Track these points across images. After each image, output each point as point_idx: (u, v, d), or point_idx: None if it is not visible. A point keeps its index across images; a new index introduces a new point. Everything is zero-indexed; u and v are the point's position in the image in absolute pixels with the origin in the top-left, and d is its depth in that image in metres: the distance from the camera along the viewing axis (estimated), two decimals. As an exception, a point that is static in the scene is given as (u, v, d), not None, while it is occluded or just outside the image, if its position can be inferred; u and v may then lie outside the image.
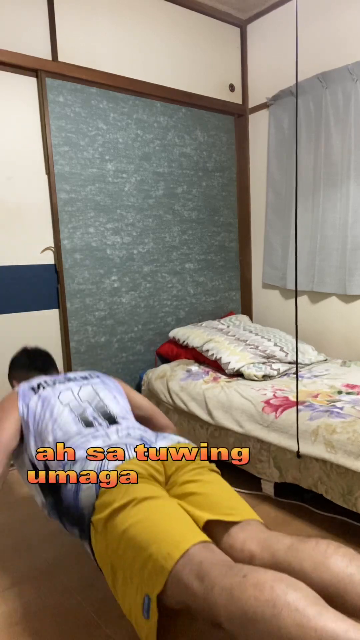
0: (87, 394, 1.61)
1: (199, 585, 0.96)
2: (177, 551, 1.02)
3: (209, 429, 2.26)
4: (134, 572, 1.06)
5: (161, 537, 1.06)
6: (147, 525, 1.09)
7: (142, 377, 2.75)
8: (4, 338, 2.38)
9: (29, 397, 1.56)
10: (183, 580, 0.99)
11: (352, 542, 1.70)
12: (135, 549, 1.07)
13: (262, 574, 0.93)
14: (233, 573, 0.95)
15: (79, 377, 1.70)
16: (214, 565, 0.99)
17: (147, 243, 2.83)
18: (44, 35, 2.36)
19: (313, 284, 2.84)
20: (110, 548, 1.13)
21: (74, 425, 1.45)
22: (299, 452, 1.81)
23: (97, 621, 1.39)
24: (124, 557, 1.09)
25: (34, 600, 1.49)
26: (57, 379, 1.67)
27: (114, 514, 1.14)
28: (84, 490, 1.23)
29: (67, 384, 1.63)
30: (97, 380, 1.70)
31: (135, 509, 1.13)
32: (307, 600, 0.87)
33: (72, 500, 1.25)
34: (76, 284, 2.57)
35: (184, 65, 2.89)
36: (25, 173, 2.38)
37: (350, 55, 2.54)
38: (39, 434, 1.47)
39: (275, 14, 2.94)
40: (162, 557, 1.02)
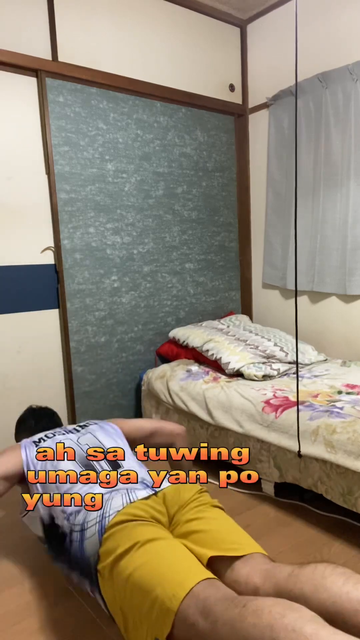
0: (88, 439, 1.63)
1: (204, 622, 0.97)
2: (182, 591, 1.03)
3: (209, 429, 2.26)
4: (143, 615, 1.07)
5: (166, 577, 1.07)
6: (152, 567, 1.10)
7: (142, 377, 2.75)
8: (4, 338, 2.38)
9: (30, 449, 1.58)
10: (189, 619, 1.00)
11: (352, 542, 1.70)
12: (142, 592, 1.07)
13: (260, 602, 0.95)
14: (234, 605, 0.97)
15: (77, 427, 1.73)
16: (217, 601, 1.00)
17: (147, 243, 2.83)
18: (44, 35, 2.36)
19: (313, 284, 2.84)
20: (119, 594, 1.13)
21: (75, 470, 1.46)
22: (300, 452, 1.81)
23: (97, 621, 1.39)
24: (131, 601, 1.09)
25: (34, 600, 1.49)
26: (57, 431, 1.69)
27: (118, 559, 1.15)
28: (88, 539, 1.24)
29: (66, 435, 1.65)
30: (95, 427, 1.72)
31: (138, 552, 1.14)
32: (304, 620, 0.88)
33: (78, 551, 1.26)
34: (76, 284, 2.57)
35: (184, 65, 2.89)
36: (25, 173, 2.38)
37: (350, 55, 2.54)
38: (43, 486, 1.48)
39: (275, 14, 2.94)
40: (168, 598, 1.03)
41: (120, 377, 2.78)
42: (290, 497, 1.99)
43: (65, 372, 2.58)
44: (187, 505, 1.34)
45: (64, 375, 2.58)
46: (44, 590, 1.54)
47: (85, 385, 2.64)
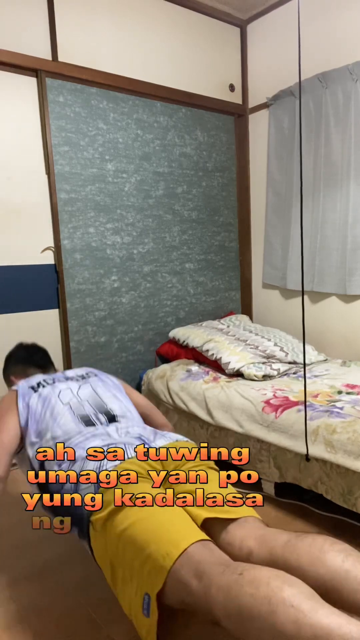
0: (87, 392, 1.61)
1: (197, 584, 0.97)
2: (176, 550, 1.03)
3: (209, 429, 2.26)
4: (134, 571, 1.07)
5: (160, 536, 1.07)
6: (146, 525, 1.10)
7: (142, 377, 2.75)
8: (4, 338, 2.38)
9: (28, 396, 1.56)
10: (182, 579, 0.99)
11: (352, 542, 1.69)
12: (135, 548, 1.07)
13: (258, 571, 0.94)
14: (230, 571, 0.96)
15: (78, 376, 1.70)
16: (212, 565, 0.99)
17: (147, 243, 2.83)
18: (44, 35, 2.36)
19: (313, 284, 2.84)
20: (110, 547, 1.13)
21: (74, 424, 1.45)
22: (307, 455, 1.80)
23: (97, 621, 1.39)
24: (123, 556, 1.10)
25: (34, 600, 1.49)
26: (55, 377, 1.67)
27: (113, 514, 1.15)
28: (83, 490, 1.24)
29: (66, 382, 1.63)
30: (95, 379, 1.70)
31: (134, 508, 1.13)
32: (302, 596, 0.88)
33: (71, 500, 1.25)
34: (76, 284, 2.57)
35: (184, 65, 2.89)
36: (25, 173, 2.38)
37: (350, 55, 2.54)
38: (39, 433, 1.47)
39: (275, 14, 2.94)
40: (161, 556, 1.03)
41: (121, 378, 2.77)
42: (290, 497, 1.99)
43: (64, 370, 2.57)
44: (184, 465, 1.34)
45: (64, 375, 2.58)
46: (43, 590, 1.53)
47: (85, 385, 2.64)
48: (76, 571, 1.60)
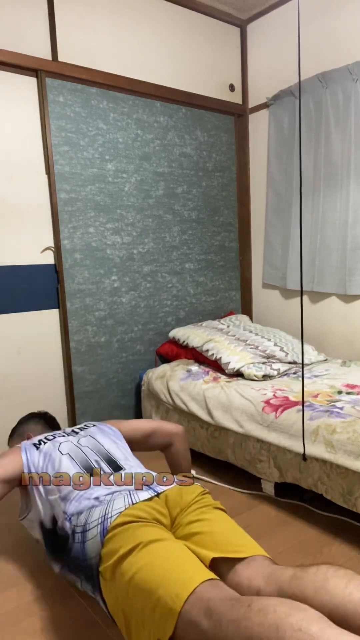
0: (88, 441, 1.63)
1: (207, 622, 0.97)
2: (185, 591, 1.02)
3: (209, 429, 2.26)
4: (145, 617, 1.06)
5: (168, 578, 1.06)
6: (154, 568, 1.09)
7: (142, 377, 2.75)
8: (4, 338, 2.38)
9: (31, 451, 1.58)
10: (192, 619, 0.99)
11: (352, 542, 1.70)
12: (144, 593, 1.07)
13: (265, 600, 0.95)
14: (239, 605, 0.96)
15: (77, 429, 1.73)
16: (221, 601, 0.99)
17: (147, 243, 2.83)
18: (44, 35, 2.36)
19: (313, 284, 2.84)
20: (120, 596, 1.12)
21: (76, 471, 1.46)
22: (304, 455, 1.80)
23: (97, 621, 1.39)
24: (134, 603, 1.09)
25: (34, 600, 1.49)
26: (56, 433, 1.69)
27: (121, 561, 1.14)
28: (90, 540, 1.24)
29: (66, 437, 1.65)
30: (94, 429, 1.72)
31: (141, 553, 1.13)
32: (310, 620, 0.88)
33: (80, 553, 1.26)
34: (76, 284, 2.57)
35: (184, 65, 2.89)
36: (25, 173, 2.38)
37: (350, 55, 2.54)
38: (45, 488, 1.47)
39: (275, 14, 2.94)
40: (171, 599, 1.02)
41: (120, 377, 2.78)
42: (290, 497, 1.99)
43: (65, 372, 2.58)
44: (189, 507, 1.34)
45: (64, 375, 2.58)
46: (44, 590, 1.54)
47: (85, 385, 2.64)
48: (76, 571, 1.61)
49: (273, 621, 0.88)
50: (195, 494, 1.38)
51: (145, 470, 1.54)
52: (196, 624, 0.98)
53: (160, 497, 1.35)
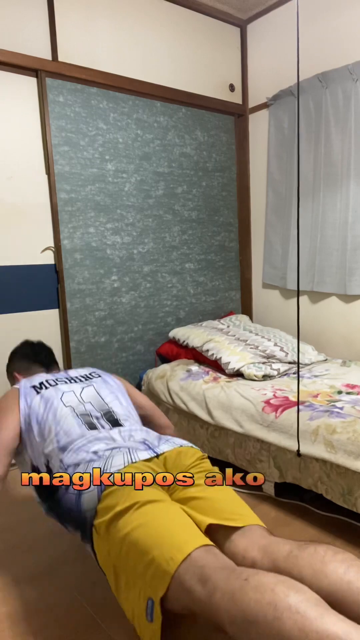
0: (90, 395, 1.60)
1: (201, 589, 0.96)
2: (180, 555, 1.02)
3: (209, 429, 2.26)
4: (137, 575, 1.06)
5: (164, 540, 1.06)
6: (150, 529, 1.09)
7: (142, 377, 2.75)
8: (4, 338, 2.38)
9: (30, 396, 1.55)
10: (185, 584, 0.99)
11: (352, 542, 1.70)
12: (138, 553, 1.07)
13: (263, 577, 0.93)
14: (235, 576, 0.95)
15: (81, 377, 1.69)
16: (216, 569, 0.99)
17: (147, 243, 2.83)
18: (44, 35, 2.36)
19: (313, 284, 2.84)
20: (113, 551, 1.13)
21: (77, 427, 1.45)
22: (299, 451, 1.81)
23: (97, 621, 1.39)
24: (126, 560, 1.09)
25: (34, 600, 1.49)
26: (58, 377, 1.66)
27: (116, 518, 1.14)
28: (86, 494, 1.23)
29: (69, 384, 1.62)
30: (99, 380, 1.69)
31: (137, 513, 1.13)
32: (309, 603, 0.87)
33: (74, 504, 1.25)
34: (76, 284, 2.57)
35: (184, 65, 2.89)
36: (25, 173, 2.38)
37: (350, 55, 2.54)
38: (42, 435, 1.46)
39: (275, 14, 2.94)
40: (165, 561, 1.02)
41: (121, 377, 2.78)
42: (291, 497, 1.99)
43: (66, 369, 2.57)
44: (188, 471, 1.33)
45: (64, 375, 2.58)
46: (43, 590, 1.53)
47: (85, 385, 2.64)
48: (77, 571, 1.61)
49: (271, 599, 0.87)
50: (194, 458, 1.38)
51: (145, 429, 1.52)
52: (189, 589, 0.98)
53: (159, 458, 1.35)
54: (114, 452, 1.32)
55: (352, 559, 1.04)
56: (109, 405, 1.58)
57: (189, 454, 1.39)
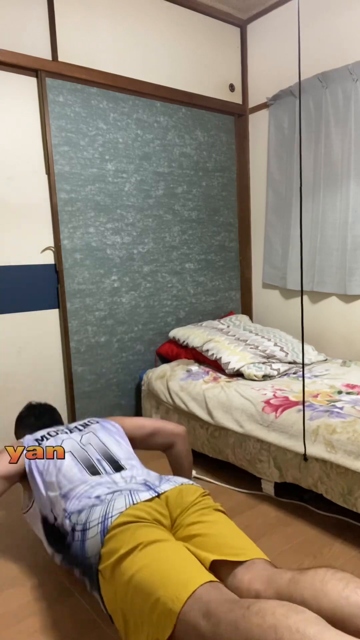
0: (90, 440, 1.62)
1: (206, 624, 0.97)
2: (185, 593, 1.03)
3: (209, 429, 2.26)
4: (144, 617, 1.06)
5: (168, 579, 1.06)
6: (154, 569, 1.09)
7: (142, 377, 2.75)
8: (4, 338, 2.38)
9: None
10: (191, 621, 0.99)
11: (352, 542, 1.70)
12: (144, 594, 1.07)
13: (264, 603, 0.95)
14: (237, 607, 0.97)
15: (80, 426, 1.73)
16: (220, 603, 1.00)
17: (147, 243, 2.83)
18: (44, 35, 2.36)
19: (313, 284, 2.84)
20: (119, 595, 1.12)
21: (79, 473, 1.46)
22: (305, 455, 1.80)
23: (97, 621, 1.39)
24: (133, 603, 1.09)
25: (34, 600, 1.49)
26: (59, 429, 1.69)
27: (120, 560, 1.14)
28: (90, 539, 1.24)
29: (69, 434, 1.65)
30: (97, 426, 1.71)
31: (141, 554, 1.13)
32: (308, 622, 0.89)
33: (79, 550, 1.26)
34: (76, 284, 2.57)
35: (184, 65, 2.89)
36: (25, 173, 2.38)
37: (350, 55, 2.54)
38: (44, 484, 1.48)
39: (275, 14, 2.94)
40: (170, 600, 1.02)
41: (120, 377, 2.78)
42: (291, 497, 1.99)
43: (65, 372, 2.58)
44: (190, 509, 1.34)
45: (64, 375, 2.58)
46: (44, 590, 1.54)
47: (85, 385, 2.64)
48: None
49: (271, 623, 0.89)
50: (196, 495, 1.38)
51: (146, 471, 1.54)
52: (195, 626, 0.98)
53: (161, 498, 1.35)
54: (115, 495, 1.32)
55: (350, 577, 1.07)
56: (109, 448, 1.60)
57: (191, 491, 1.40)
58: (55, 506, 1.41)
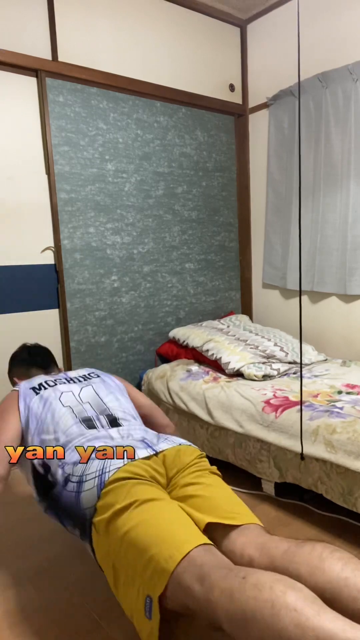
0: (88, 395, 1.61)
1: (200, 587, 0.97)
2: (179, 553, 1.03)
3: (209, 429, 2.26)
4: (136, 573, 1.07)
5: (163, 539, 1.07)
6: (149, 527, 1.10)
7: (142, 377, 2.75)
8: (4, 338, 2.38)
9: (30, 397, 1.56)
10: (184, 582, 0.99)
11: (352, 542, 1.70)
12: (137, 551, 1.07)
13: (261, 575, 0.94)
14: (233, 575, 0.96)
15: (80, 377, 1.70)
16: (214, 568, 0.99)
17: (147, 243, 2.83)
18: (44, 35, 2.36)
19: (313, 284, 2.84)
20: (112, 549, 1.13)
21: (76, 427, 1.45)
22: (302, 454, 1.80)
23: (97, 621, 1.39)
24: (125, 558, 1.10)
25: (34, 600, 1.49)
26: (57, 378, 1.67)
27: (116, 516, 1.15)
28: (86, 492, 1.24)
29: (68, 384, 1.63)
30: (97, 380, 1.70)
31: (137, 511, 1.13)
32: (306, 601, 0.88)
33: (74, 501, 1.26)
34: (76, 284, 2.57)
35: (184, 65, 2.89)
36: (25, 173, 2.38)
37: (350, 55, 2.54)
38: (40, 434, 1.47)
39: (275, 14, 2.94)
40: (164, 559, 1.03)
41: (121, 377, 2.78)
42: (291, 497, 1.99)
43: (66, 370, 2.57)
44: (187, 469, 1.34)
45: (64, 375, 2.58)
46: (44, 590, 1.54)
47: (85, 385, 2.64)
48: (76, 570, 1.61)
49: (268, 597, 0.88)
50: (193, 456, 1.38)
51: (144, 428, 1.53)
52: (188, 588, 0.99)
53: (159, 456, 1.35)
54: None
55: (349, 557, 1.05)
56: (107, 405, 1.59)
57: (188, 452, 1.40)
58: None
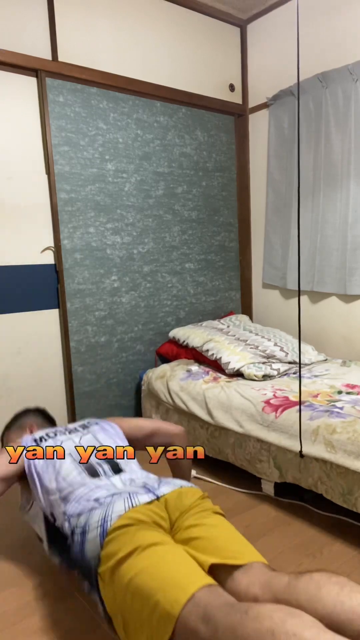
0: (89, 442, 1.62)
1: (205, 628, 0.97)
2: (184, 596, 1.03)
3: (209, 429, 2.26)
4: (143, 620, 1.06)
5: (167, 583, 1.07)
6: (153, 572, 1.10)
7: (142, 377, 2.75)
8: (4, 338, 2.38)
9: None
10: (190, 625, 0.99)
11: (352, 542, 1.70)
12: (143, 597, 1.07)
13: (261, 607, 0.95)
14: (235, 611, 0.97)
15: (79, 427, 1.72)
16: (218, 607, 1.00)
17: (147, 243, 2.83)
18: (44, 35, 2.36)
19: (313, 284, 2.84)
20: (119, 598, 1.13)
21: (78, 476, 1.46)
22: (301, 452, 1.80)
23: (97, 621, 1.39)
24: (132, 606, 1.09)
25: (34, 600, 1.49)
26: (57, 430, 1.69)
27: (119, 564, 1.15)
28: (89, 542, 1.24)
29: (68, 435, 1.65)
30: (96, 428, 1.71)
31: (140, 557, 1.13)
32: (304, 625, 0.89)
33: (79, 553, 1.26)
34: (76, 284, 2.57)
35: (184, 65, 2.89)
36: (25, 173, 2.38)
37: (350, 55, 2.54)
38: (44, 486, 1.48)
39: (275, 14, 2.94)
40: (169, 604, 1.03)
41: (120, 377, 2.78)
42: (291, 497, 1.99)
43: (65, 372, 2.58)
44: (189, 511, 1.34)
45: (64, 375, 2.58)
46: (44, 590, 1.54)
47: (85, 385, 2.64)
48: (76, 571, 1.61)
49: (269, 627, 0.90)
50: (195, 498, 1.38)
51: (145, 473, 1.54)
52: (194, 630, 0.99)
53: (160, 501, 1.35)
54: (114, 498, 1.32)
55: (346, 581, 1.07)
56: None
57: (190, 494, 1.40)
58: (55, 508, 1.41)
